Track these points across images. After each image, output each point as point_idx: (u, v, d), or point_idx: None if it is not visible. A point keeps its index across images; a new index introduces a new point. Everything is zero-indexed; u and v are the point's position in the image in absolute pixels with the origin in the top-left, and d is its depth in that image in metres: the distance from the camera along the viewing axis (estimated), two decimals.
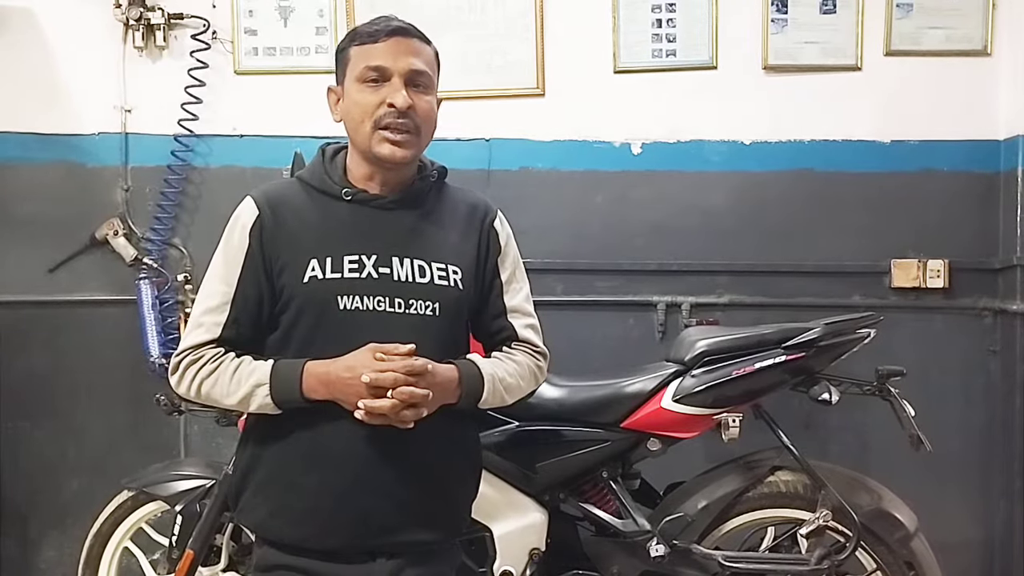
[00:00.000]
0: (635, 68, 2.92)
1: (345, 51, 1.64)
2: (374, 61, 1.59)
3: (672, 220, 2.91)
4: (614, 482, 2.21)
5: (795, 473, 2.20)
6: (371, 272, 1.57)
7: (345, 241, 1.59)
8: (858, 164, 2.87)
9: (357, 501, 1.57)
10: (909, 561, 2.17)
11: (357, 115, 1.60)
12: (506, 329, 1.72)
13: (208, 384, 1.57)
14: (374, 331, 1.54)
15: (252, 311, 1.59)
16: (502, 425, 2.19)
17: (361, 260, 1.58)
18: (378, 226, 1.62)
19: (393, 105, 1.57)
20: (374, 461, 1.56)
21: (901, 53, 2.85)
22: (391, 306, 1.57)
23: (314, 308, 1.56)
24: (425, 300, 1.59)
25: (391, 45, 1.60)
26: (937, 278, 2.82)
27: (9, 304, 2.98)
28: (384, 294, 1.57)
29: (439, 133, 2.90)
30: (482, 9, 2.93)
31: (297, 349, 1.58)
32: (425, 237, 1.64)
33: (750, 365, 2.14)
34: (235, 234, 1.61)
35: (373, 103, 1.58)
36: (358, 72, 1.60)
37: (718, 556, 2.15)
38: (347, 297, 1.55)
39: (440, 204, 1.70)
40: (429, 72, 1.64)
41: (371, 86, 1.59)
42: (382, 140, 1.58)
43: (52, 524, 3.00)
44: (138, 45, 2.96)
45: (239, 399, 1.55)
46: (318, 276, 1.56)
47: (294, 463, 1.58)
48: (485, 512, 2.18)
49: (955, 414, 2.83)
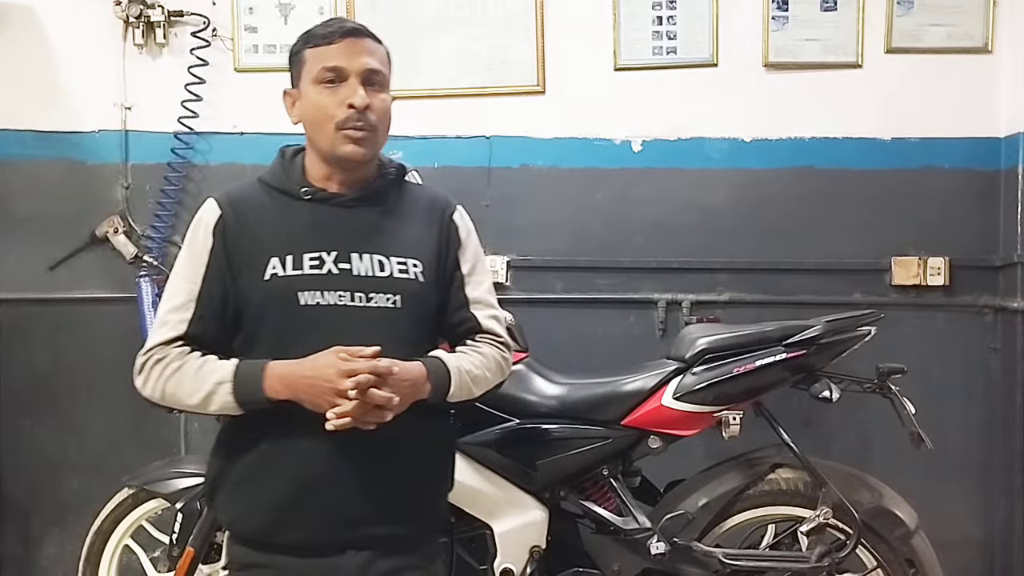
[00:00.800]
0: (636, 65, 2.92)
1: (300, 54, 1.67)
2: (331, 62, 1.63)
3: (673, 217, 2.91)
4: (615, 479, 2.21)
5: (796, 471, 2.20)
6: (331, 268, 1.61)
7: (305, 239, 1.62)
8: (859, 161, 2.87)
9: (325, 495, 1.59)
10: (910, 559, 2.17)
11: (317, 116, 1.63)
12: (469, 320, 1.75)
13: (172, 383, 1.58)
14: (336, 325, 1.58)
15: (217, 308, 1.62)
16: (502, 423, 2.19)
17: (321, 257, 1.61)
18: (337, 223, 1.65)
19: (352, 105, 1.60)
20: (343, 455, 1.58)
21: (902, 50, 2.84)
22: (352, 300, 1.60)
23: (276, 305, 1.59)
24: (386, 293, 1.62)
25: (346, 46, 1.64)
26: (938, 275, 2.82)
27: (9, 302, 2.98)
28: (345, 289, 1.60)
29: (439, 130, 2.95)
30: (483, 7, 2.93)
31: (262, 346, 1.60)
32: (384, 233, 1.68)
33: (751, 363, 2.13)
34: (199, 234, 1.64)
35: (333, 104, 1.62)
36: (315, 74, 1.63)
37: (719, 554, 2.15)
38: (308, 293, 1.59)
39: (399, 200, 1.74)
40: (383, 71, 1.68)
41: (328, 87, 1.63)
42: (344, 140, 1.62)
43: (53, 521, 3.00)
44: (138, 42, 2.95)
45: (201, 397, 1.56)
46: (279, 273, 1.59)
47: (264, 460, 1.61)
48: (486, 510, 2.19)
49: (956, 412, 2.83)
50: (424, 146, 2.95)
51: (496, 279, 2.91)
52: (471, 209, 2.89)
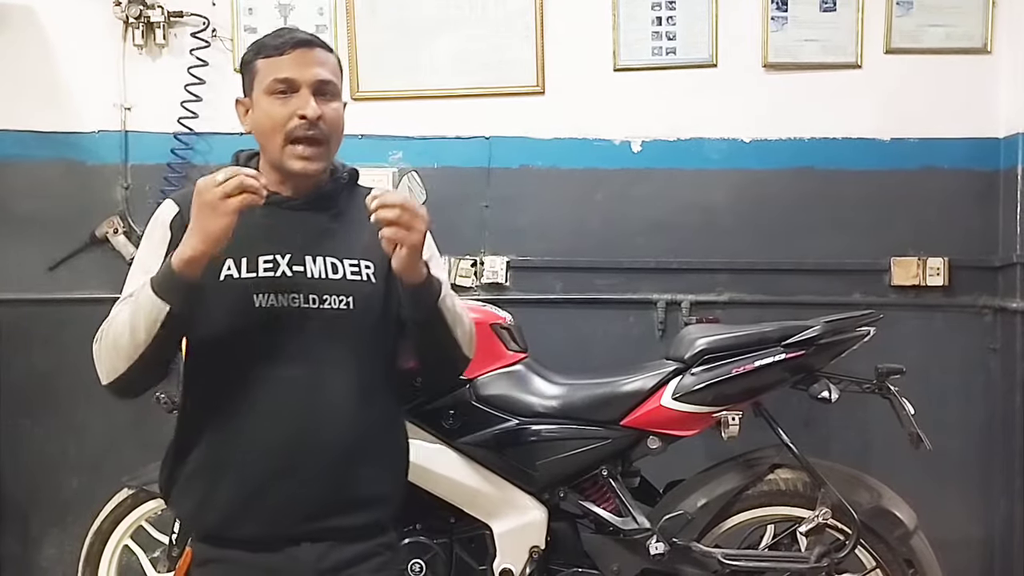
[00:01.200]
0: (635, 66, 2.92)
1: (251, 64, 1.68)
2: (282, 73, 1.63)
3: (672, 218, 2.91)
4: (614, 480, 2.21)
5: (795, 471, 2.20)
6: (285, 271, 1.62)
7: (260, 242, 1.63)
8: (858, 162, 2.87)
9: (278, 489, 1.61)
10: (909, 559, 2.17)
11: (268, 127, 1.64)
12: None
13: (113, 332, 1.56)
14: (289, 327, 1.60)
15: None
16: (502, 423, 2.19)
17: (275, 259, 1.63)
18: (291, 227, 1.67)
19: (304, 116, 1.62)
20: (296, 450, 1.61)
21: (901, 51, 2.85)
22: (306, 302, 1.62)
23: (230, 306, 1.61)
24: (338, 295, 1.64)
25: (297, 57, 1.64)
26: (937, 276, 2.82)
27: (9, 302, 2.98)
28: (298, 291, 1.62)
29: (439, 131, 2.95)
30: (482, 7, 2.93)
31: (214, 345, 1.62)
32: (337, 236, 1.70)
33: (750, 363, 2.14)
34: (156, 230, 1.67)
35: (284, 115, 1.63)
36: (266, 84, 1.64)
37: (718, 554, 2.15)
38: (262, 295, 1.60)
39: (352, 204, 1.74)
40: (335, 80, 1.69)
41: (280, 98, 1.64)
42: (293, 156, 1.64)
43: (53, 522, 3.00)
44: (138, 43, 2.96)
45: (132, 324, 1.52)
46: (233, 275, 1.61)
47: (220, 455, 1.63)
48: (485, 510, 2.19)
49: (955, 412, 2.83)
50: (424, 147, 2.95)
51: (496, 279, 2.92)
52: (471, 209, 2.95)
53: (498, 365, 2.24)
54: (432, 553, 2.19)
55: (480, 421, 2.19)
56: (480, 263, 2.94)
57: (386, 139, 2.97)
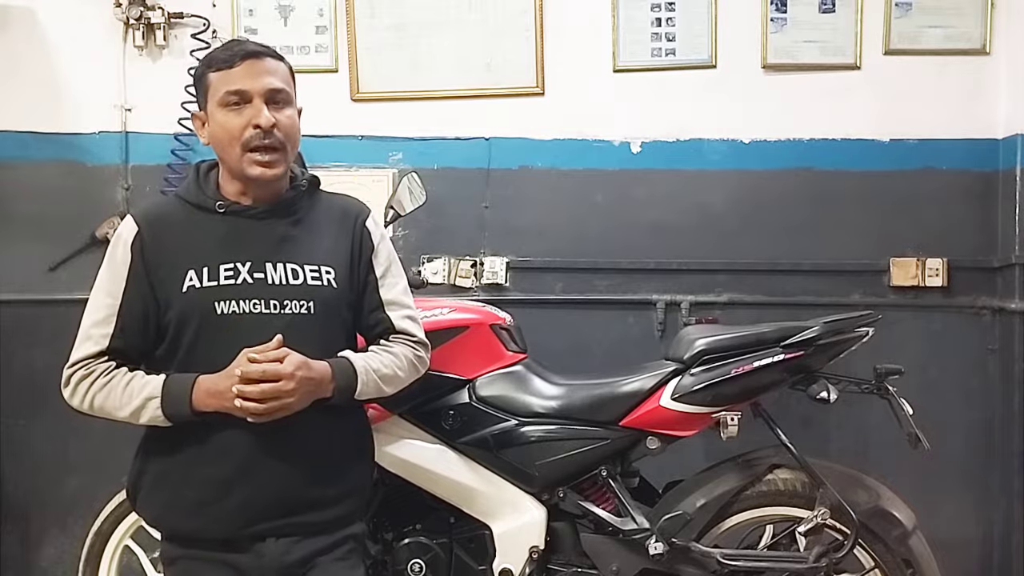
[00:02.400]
0: (635, 67, 2.92)
1: (204, 77, 1.73)
2: (233, 85, 1.68)
3: (672, 219, 2.92)
4: (613, 480, 2.21)
5: (793, 471, 2.21)
6: (246, 278, 1.68)
7: (220, 251, 1.69)
8: (857, 163, 2.87)
9: (241, 491, 1.67)
10: (907, 559, 2.17)
11: (225, 138, 1.69)
12: (383, 322, 1.83)
13: (100, 397, 1.67)
14: (252, 332, 1.65)
15: (137, 322, 1.69)
16: (501, 423, 2.19)
17: (236, 267, 1.68)
18: (251, 235, 1.72)
19: (258, 126, 1.67)
20: (257, 452, 1.67)
21: (900, 52, 2.85)
22: (267, 308, 1.68)
23: (194, 315, 1.66)
24: (299, 300, 1.70)
25: (247, 68, 1.69)
26: (936, 277, 2.82)
27: (10, 303, 2.98)
28: (259, 297, 1.68)
29: (438, 132, 2.95)
30: (482, 8, 2.94)
31: (183, 356, 1.68)
32: (297, 242, 1.75)
33: (749, 364, 2.14)
34: (118, 250, 1.71)
35: (239, 126, 1.67)
36: (219, 97, 1.69)
37: (717, 554, 2.15)
38: (224, 302, 1.66)
39: (312, 210, 1.80)
40: (286, 88, 1.74)
41: (234, 109, 1.68)
42: (252, 163, 1.69)
43: (53, 522, 3.01)
44: (138, 44, 2.96)
45: (131, 411, 1.66)
46: (196, 285, 1.66)
47: (184, 459, 1.69)
48: (484, 510, 2.19)
49: (953, 413, 2.83)
50: (423, 148, 2.96)
51: (495, 280, 2.92)
52: (471, 210, 2.96)
53: (498, 366, 2.25)
54: (432, 553, 2.19)
55: (480, 421, 2.19)
56: (480, 264, 2.94)
57: (386, 140, 2.98)
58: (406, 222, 2.73)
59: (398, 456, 2.18)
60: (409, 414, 2.20)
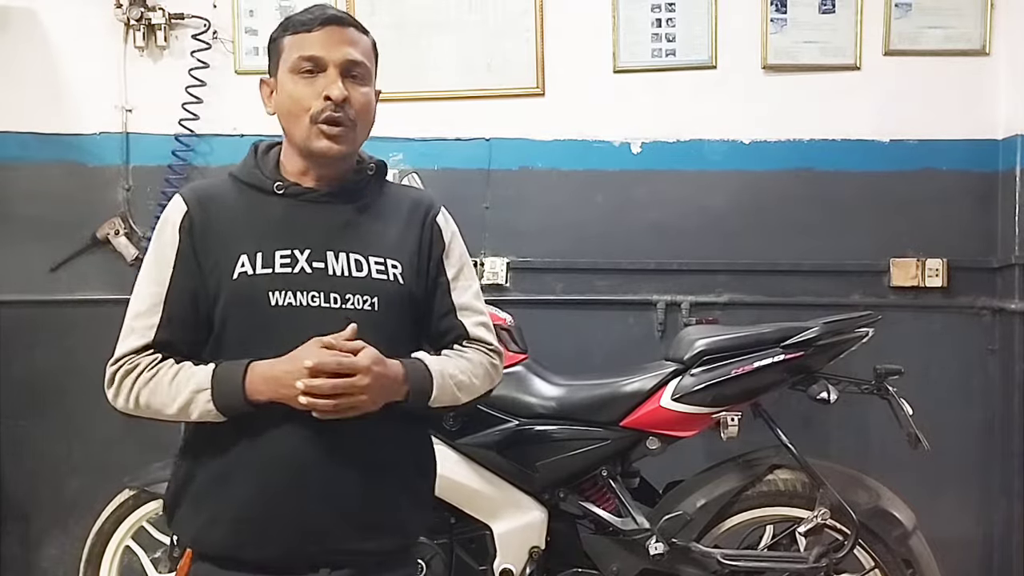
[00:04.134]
0: (635, 68, 2.92)
1: (278, 41, 1.57)
2: (308, 51, 1.52)
3: (672, 219, 2.92)
4: (613, 480, 2.22)
5: (794, 472, 2.21)
6: (304, 267, 1.50)
7: (276, 236, 1.52)
8: (857, 163, 2.88)
9: (296, 507, 1.48)
10: (907, 559, 2.18)
11: (292, 108, 1.53)
12: (456, 328, 1.63)
13: (146, 393, 1.48)
14: (309, 327, 1.46)
15: (186, 310, 1.51)
16: (502, 424, 2.20)
17: (294, 255, 1.50)
18: (311, 220, 1.55)
19: (329, 97, 1.50)
20: (314, 466, 1.48)
21: (900, 53, 2.85)
22: (326, 301, 1.50)
23: (244, 305, 1.49)
24: (362, 295, 1.52)
25: (326, 34, 1.53)
26: (936, 277, 2.82)
27: (10, 303, 2.98)
28: (319, 289, 1.50)
29: (439, 132, 2.95)
30: (482, 9, 2.94)
31: (231, 349, 1.49)
32: (362, 231, 1.57)
33: (749, 364, 2.14)
34: (165, 233, 1.54)
35: (308, 95, 1.51)
36: (292, 63, 1.52)
37: (717, 554, 2.15)
38: (279, 293, 1.48)
39: (379, 198, 1.63)
40: (366, 63, 1.57)
41: (306, 77, 1.52)
42: (319, 135, 1.51)
43: (54, 523, 3.01)
44: (139, 45, 2.96)
45: (179, 407, 1.46)
46: (248, 272, 1.49)
47: (230, 471, 1.49)
48: (485, 510, 2.20)
49: (953, 413, 2.83)
50: (424, 148, 2.96)
51: (496, 281, 2.92)
52: (471, 211, 2.96)
53: None
54: (432, 553, 2.19)
55: (480, 422, 2.19)
56: (480, 264, 2.94)
57: (386, 141, 2.97)
58: None
59: None
60: None
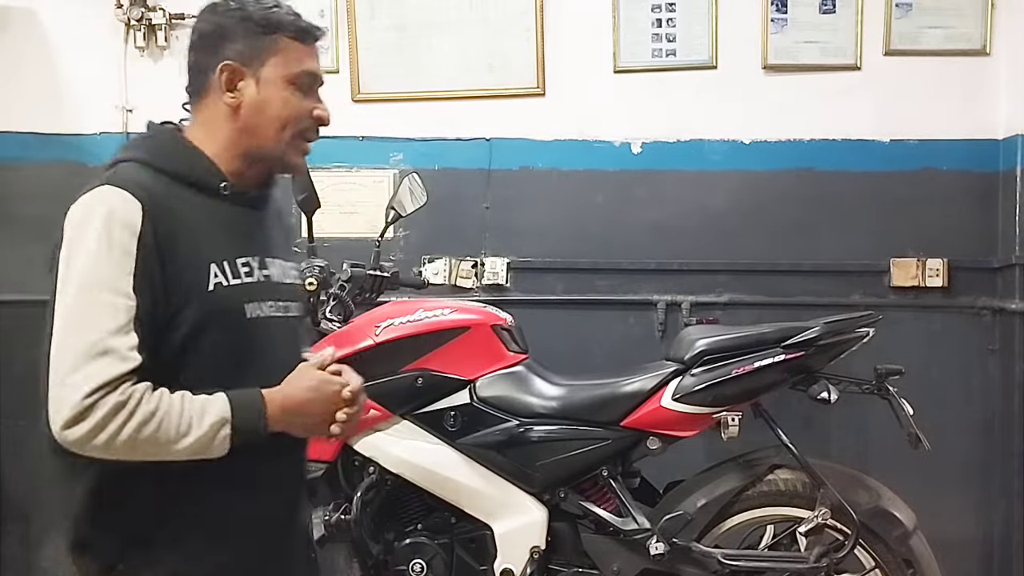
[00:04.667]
0: (635, 68, 2.93)
1: (273, 37, 1.44)
2: (310, 66, 1.46)
3: (672, 219, 2.92)
4: (614, 480, 2.21)
5: (794, 471, 2.21)
6: (259, 276, 1.42)
7: (232, 242, 1.41)
8: (858, 163, 2.88)
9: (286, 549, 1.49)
10: (908, 559, 2.18)
11: (281, 116, 1.43)
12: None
13: (150, 428, 1.24)
14: (276, 340, 1.43)
15: (147, 329, 1.29)
16: (502, 423, 2.20)
17: (249, 263, 1.41)
18: (250, 225, 1.47)
19: (321, 119, 1.47)
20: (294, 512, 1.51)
21: (900, 53, 2.85)
22: (278, 311, 1.45)
23: (221, 319, 1.35)
24: (294, 301, 1.52)
25: (316, 50, 1.49)
26: (936, 277, 2.82)
27: (10, 303, 2.99)
28: (273, 298, 1.44)
29: (439, 133, 2.95)
30: (483, 9, 2.94)
31: (210, 370, 1.33)
32: (275, 235, 1.53)
33: (749, 364, 2.14)
34: (115, 234, 1.30)
35: (303, 110, 1.45)
36: (293, 72, 1.44)
37: (717, 554, 2.15)
38: (252, 304, 1.39)
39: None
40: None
41: (300, 91, 1.45)
42: (298, 151, 1.47)
43: (54, 523, 3.00)
44: (139, 45, 2.97)
45: (194, 441, 1.26)
46: (223, 283, 1.36)
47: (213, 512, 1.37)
48: (486, 510, 2.20)
49: (954, 413, 2.83)
50: (424, 148, 2.96)
51: (496, 281, 2.93)
52: (471, 211, 2.96)
53: (499, 366, 2.25)
54: (433, 553, 2.19)
55: (481, 422, 2.19)
56: (481, 264, 2.95)
57: (387, 141, 2.98)
58: (407, 223, 2.73)
59: (399, 456, 2.18)
60: (410, 415, 2.20)
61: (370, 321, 2.22)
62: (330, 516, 2.16)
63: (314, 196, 2.18)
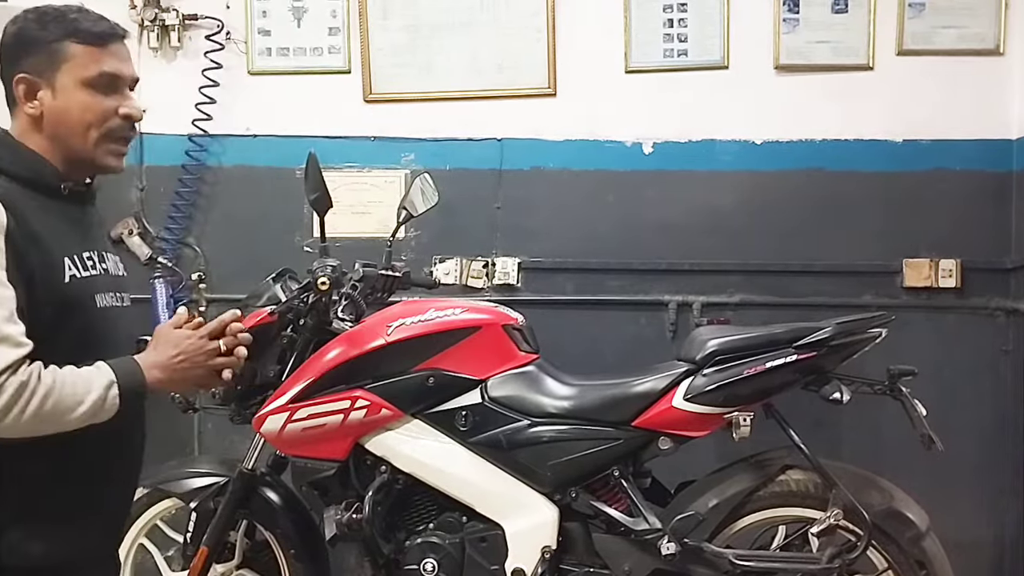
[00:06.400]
0: (647, 68, 2.92)
1: (60, 44, 1.49)
2: (108, 67, 1.51)
3: (683, 220, 2.92)
4: (625, 480, 2.21)
5: (806, 472, 2.20)
6: (101, 269, 1.55)
7: (76, 238, 1.52)
8: (870, 164, 2.87)
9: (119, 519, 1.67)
10: (920, 560, 2.17)
11: (84, 119, 1.50)
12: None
13: (52, 400, 1.35)
14: (120, 328, 1.56)
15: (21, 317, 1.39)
16: (514, 423, 2.20)
17: (92, 256, 1.53)
18: (85, 221, 1.58)
19: (129, 116, 1.53)
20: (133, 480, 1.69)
21: (913, 52, 2.84)
22: (118, 301, 1.58)
23: (76, 309, 1.46)
24: (127, 292, 1.64)
25: (119, 50, 1.55)
26: (949, 278, 2.82)
27: None
28: (113, 290, 1.57)
29: (451, 133, 2.96)
30: (494, 9, 2.94)
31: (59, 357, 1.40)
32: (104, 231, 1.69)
33: (761, 364, 2.13)
34: None
35: (107, 110, 1.51)
36: (87, 75, 1.49)
37: (729, 555, 2.15)
38: (100, 295, 1.52)
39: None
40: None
41: (100, 92, 1.51)
42: (109, 153, 1.53)
43: None
44: (153, 46, 2.98)
45: (92, 403, 1.38)
46: (76, 275, 1.47)
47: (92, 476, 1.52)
48: (497, 509, 2.20)
49: (967, 414, 2.82)
50: (435, 148, 2.97)
51: (507, 281, 2.93)
52: (482, 211, 2.96)
53: (510, 366, 2.25)
54: (444, 553, 2.20)
55: (492, 421, 2.20)
56: (492, 264, 2.95)
57: (398, 141, 2.99)
58: (418, 223, 2.74)
59: (411, 455, 2.19)
60: (422, 414, 2.20)
61: (382, 321, 2.23)
62: (342, 515, 2.16)
63: (326, 196, 2.19)
